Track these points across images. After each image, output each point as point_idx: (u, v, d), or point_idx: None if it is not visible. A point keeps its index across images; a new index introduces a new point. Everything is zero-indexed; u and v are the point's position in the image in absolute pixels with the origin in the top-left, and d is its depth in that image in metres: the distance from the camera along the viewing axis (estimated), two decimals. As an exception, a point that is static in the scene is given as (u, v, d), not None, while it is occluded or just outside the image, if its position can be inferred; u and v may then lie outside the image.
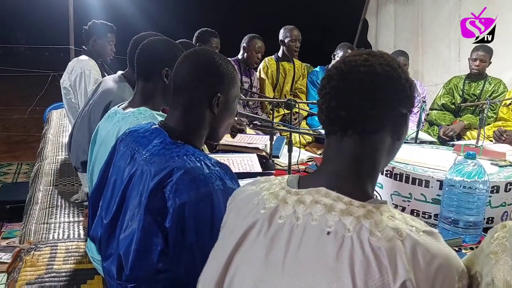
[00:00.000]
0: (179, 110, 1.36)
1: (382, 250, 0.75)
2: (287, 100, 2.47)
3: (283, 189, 0.91)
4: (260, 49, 4.02)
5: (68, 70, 3.31)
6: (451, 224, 1.77)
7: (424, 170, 1.98)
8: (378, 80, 0.89)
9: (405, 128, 0.95)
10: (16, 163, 5.56)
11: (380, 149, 0.93)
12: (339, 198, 0.83)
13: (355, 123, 0.89)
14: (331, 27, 10.99)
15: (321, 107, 0.93)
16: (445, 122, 4.12)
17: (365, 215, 0.80)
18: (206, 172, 1.19)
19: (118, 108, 1.76)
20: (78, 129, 2.28)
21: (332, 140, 0.93)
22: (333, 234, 0.79)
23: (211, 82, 1.34)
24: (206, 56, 1.38)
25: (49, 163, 3.14)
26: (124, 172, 1.31)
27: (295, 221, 0.84)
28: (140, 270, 1.19)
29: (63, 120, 4.21)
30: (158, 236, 1.18)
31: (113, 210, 1.31)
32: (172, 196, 1.16)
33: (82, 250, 1.98)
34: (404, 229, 0.78)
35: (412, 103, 0.95)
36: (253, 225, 0.88)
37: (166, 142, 1.29)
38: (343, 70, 0.91)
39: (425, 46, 5.46)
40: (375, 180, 0.95)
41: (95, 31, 3.38)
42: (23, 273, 1.81)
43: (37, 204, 2.51)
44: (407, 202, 1.97)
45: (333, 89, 0.90)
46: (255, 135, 3.17)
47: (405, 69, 0.94)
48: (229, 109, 1.40)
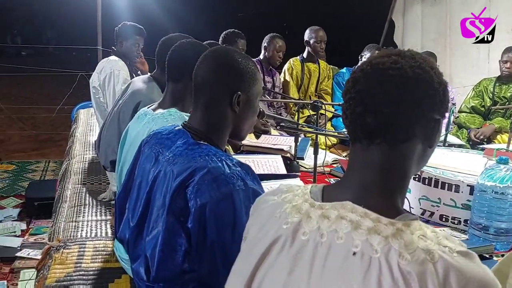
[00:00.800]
0: (201, 110, 1.35)
1: (412, 275, 0.71)
2: (313, 101, 2.46)
3: (306, 202, 0.86)
4: (281, 48, 4.01)
5: (97, 70, 3.36)
6: (481, 230, 1.73)
7: (454, 174, 1.95)
8: (408, 84, 0.82)
9: (437, 135, 0.88)
10: (44, 161, 5.67)
11: (410, 157, 0.86)
12: (366, 214, 0.78)
13: (384, 131, 0.83)
14: (357, 27, 10.89)
15: (345, 112, 0.87)
16: (475, 125, 4.04)
17: (394, 235, 0.75)
18: (227, 172, 1.19)
19: (148, 109, 1.77)
20: (107, 129, 2.31)
21: (358, 148, 0.87)
22: (360, 255, 0.75)
23: (231, 80, 1.33)
24: (225, 55, 1.37)
25: (77, 162, 3.19)
26: (149, 174, 1.32)
27: (319, 238, 0.79)
28: (166, 270, 1.19)
29: (90, 119, 4.27)
30: (181, 236, 1.18)
31: (139, 213, 1.32)
32: (193, 197, 1.16)
33: (110, 249, 2.01)
34: (436, 250, 0.73)
35: (446, 108, 0.88)
36: (276, 240, 0.84)
37: (189, 143, 1.29)
38: (370, 73, 0.85)
39: (453, 48, 5.36)
40: (404, 192, 0.89)
41: (123, 33, 3.43)
42: (53, 271, 1.84)
43: (65, 202, 2.55)
44: (436, 207, 1.94)
45: (358, 93, 0.84)
46: (279, 136, 3.16)
47: (438, 70, 0.87)
48: (251, 107, 1.38)
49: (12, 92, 9.19)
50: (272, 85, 4.07)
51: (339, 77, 4.26)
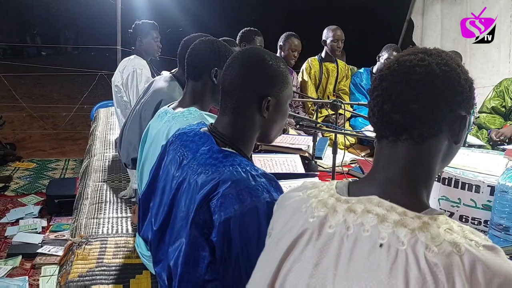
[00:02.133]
0: (227, 115, 1.30)
1: (439, 267, 0.71)
2: (333, 100, 2.46)
3: (332, 197, 0.86)
4: (297, 47, 3.99)
5: (119, 69, 3.41)
6: (502, 231, 1.72)
7: (474, 175, 1.93)
8: (435, 81, 0.83)
9: (464, 131, 0.88)
10: (63, 159, 5.75)
11: (436, 154, 0.87)
12: (392, 208, 0.79)
13: (410, 127, 0.84)
14: (375, 27, 10.83)
15: (372, 109, 0.88)
16: (495, 126, 3.99)
17: (420, 228, 0.75)
18: (252, 184, 1.14)
19: (168, 108, 1.79)
20: (129, 127, 2.35)
21: (384, 145, 0.88)
22: (386, 247, 0.75)
23: (260, 84, 1.27)
24: (254, 57, 1.30)
25: (97, 160, 3.24)
26: (172, 179, 1.30)
27: (346, 231, 0.80)
28: (188, 282, 1.17)
29: (110, 118, 4.32)
30: (205, 249, 1.15)
31: (162, 218, 1.30)
32: (218, 210, 1.13)
33: (131, 245, 2.04)
34: (463, 243, 0.73)
35: (472, 105, 0.88)
36: (302, 234, 0.84)
37: (213, 150, 1.24)
38: (397, 70, 0.85)
39: (474, 48, 5.29)
40: (430, 188, 0.89)
41: (139, 31, 3.50)
42: (75, 266, 1.87)
43: (87, 199, 2.60)
44: (455, 208, 1.92)
45: (385, 90, 0.85)
46: (297, 136, 3.16)
47: (465, 68, 0.88)
48: (281, 112, 1.32)
49: (32, 91, 9.34)
50: (290, 84, 4.06)
51: (356, 78, 4.24)
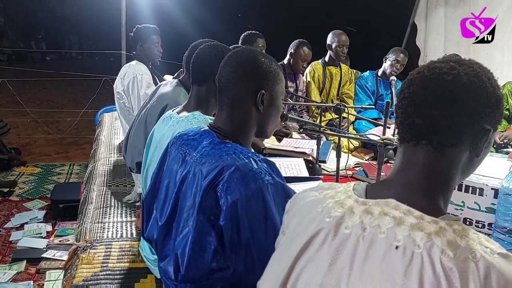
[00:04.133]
0: (225, 110, 1.38)
1: (454, 271, 0.72)
2: (336, 104, 2.47)
3: (349, 198, 0.87)
4: (307, 57, 4.01)
5: (120, 75, 3.42)
6: (506, 234, 1.72)
7: (478, 178, 1.93)
8: (460, 90, 0.83)
9: (486, 145, 0.89)
10: (68, 164, 5.77)
11: (455, 164, 0.87)
12: (409, 212, 0.80)
13: (430, 133, 0.85)
14: (379, 30, 10.83)
15: (397, 111, 0.90)
16: (499, 129, 3.99)
17: (436, 232, 0.76)
18: (255, 168, 1.20)
19: (173, 112, 1.80)
20: (134, 131, 2.36)
21: (405, 148, 0.89)
22: (402, 249, 0.76)
23: (254, 79, 1.35)
24: (247, 55, 1.39)
25: (102, 164, 3.25)
26: (176, 174, 1.35)
27: (362, 232, 0.81)
28: (195, 269, 1.21)
29: (114, 123, 4.34)
30: (211, 235, 1.20)
31: (167, 213, 1.34)
32: (224, 195, 1.18)
33: (135, 249, 2.05)
34: (478, 250, 0.74)
35: (498, 120, 0.89)
36: (317, 233, 0.85)
37: (215, 142, 1.31)
38: (425, 75, 0.87)
39: (477, 51, 5.29)
40: (448, 197, 0.90)
41: (140, 36, 3.48)
42: (80, 270, 1.88)
43: (91, 204, 2.61)
44: (459, 211, 1.93)
45: (411, 94, 0.86)
46: (301, 140, 3.17)
47: (496, 82, 0.88)
48: (275, 106, 1.40)
49: (37, 96, 9.37)
50: (295, 89, 4.08)
51: (362, 80, 4.25)
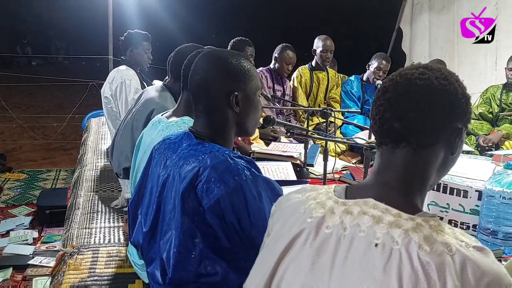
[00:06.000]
0: (202, 117, 1.36)
1: (431, 265, 0.75)
2: (323, 108, 2.49)
3: (330, 199, 0.90)
4: (291, 60, 4.03)
5: (108, 80, 3.40)
6: (490, 235, 1.75)
7: (462, 180, 1.96)
8: (434, 94, 0.89)
9: (460, 143, 0.94)
10: (55, 170, 5.72)
11: (432, 163, 0.92)
12: (387, 210, 0.83)
13: (409, 135, 0.89)
14: (365, 36, 10.94)
15: (374, 118, 0.94)
16: (483, 132, 4.05)
17: (414, 228, 0.79)
18: (232, 165, 1.20)
19: (162, 117, 1.80)
20: (121, 136, 2.35)
21: (384, 151, 0.93)
22: (381, 246, 0.79)
23: (224, 82, 1.32)
24: (214, 58, 1.36)
25: (89, 170, 3.23)
26: (158, 178, 1.35)
27: (342, 231, 0.84)
28: (182, 271, 1.21)
29: (102, 128, 4.31)
30: (197, 236, 1.20)
31: (151, 217, 1.34)
32: (205, 195, 1.18)
33: (123, 254, 2.04)
34: (454, 244, 0.77)
35: (468, 118, 0.94)
36: (299, 234, 0.88)
37: (192, 143, 1.31)
38: (398, 82, 0.91)
39: (461, 56, 5.37)
40: (424, 195, 0.94)
41: (131, 41, 3.46)
42: (67, 276, 1.87)
43: (78, 209, 2.59)
44: (444, 213, 1.95)
45: (387, 100, 0.91)
46: (289, 144, 3.19)
47: (463, 84, 0.93)
48: (252, 104, 1.37)
49: (23, 101, 9.30)
50: (282, 93, 4.10)
51: (347, 86, 4.28)
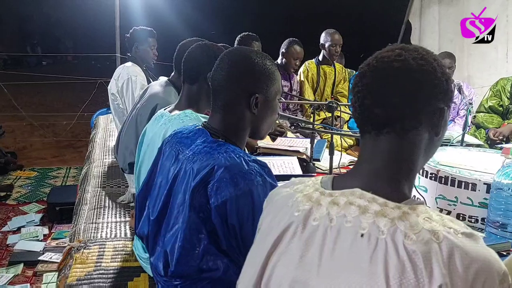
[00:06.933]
0: (219, 113, 1.35)
1: (417, 254, 0.73)
2: (328, 102, 2.47)
3: (317, 191, 0.89)
4: (299, 55, 4.01)
5: (115, 76, 3.42)
6: (498, 228, 1.72)
7: (470, 173, 1.94)
8: (412, 75, 0.85)
9: (443, 123, 0.90)
10: (65, 167, 5.76)
11: (417, 146, 0.89)
12: (374, 200, 0.81)
13: (391, 121, 0.86)
14: (373, 29, 10.86)
15: (354, 105, 0.91)
16: (493, 125, 4.00)
17: (400, 217, 0.77)
18: (245, 168, 1.20)
19: (165, 111, 1.80)
20: (125, 132, 2.36)
21: (367, 139, 0.90)
22: (367, 237, 0.78)
23: (247, 82, 1.31)
24: (240, 56, 1.35)
25: (97, 166, 3.24)
26: (169, 172, 1.35)
27: (329, 223, 0.82)
28: (185, 265, 1.22)
29: (109, 125, 4.34)
30: (202, 232, 1.21)
31: (158, 208, 1.34)
32: (214, 194, 1.19)
33: (129, 248, 2.05)
34: (441, 231, 0.75)
35: (450, 97, 0.91)
36: (288, 227, 0.87)
37: (208, 141, 1.30)
38: (375, 66, 0.88)
39: (471, 48, 5.31)
40: (412, 180, 0.91)
41: (136, 38, 3.49)
42: (74, 270, 1.88)
43: (86, 205, 2.61)
44: (452, 206, 1.93)
45: (365, 87, 0.88)
46: (295, 139, 3.17)
47: (441, 62, 0.90)
48: (270, 108, 1.37)
49: (33, 100, 9.37)
50: (289, 88, 4.08)
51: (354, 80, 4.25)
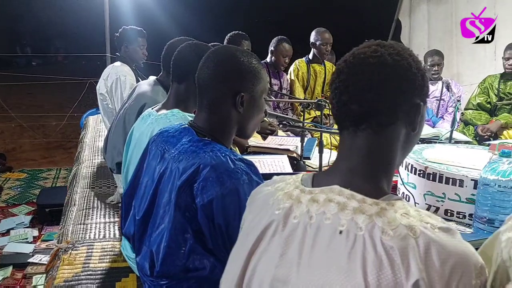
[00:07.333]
0: (205, 111, 1.35)
1: (394, 249, 0.74)
2: (318, 100, 2.47)
3: (297, 188, 0.89)
4: (288, 53, 4.01)
5: (103, 76, 3.40)
6: (486, 223, 1.73)
7: (458, 169, 1.94)
8: (388, 71, 0.85)
9: (420, 119, 0.91)
10: (55, 168, 5.72)
11: (394, 142, 0.89)
12: (352, 196, 0.81)
13: (368, 116, 0.86)
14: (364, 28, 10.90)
15: (332, 102, 0.91)
16: (481, 122, 4.04)
17: (378, 213, 0.78)
18: (231, 167, 1.20)
19: (152, 110, 1.80)
20: (113, 132, 2.34)
21: (346, 136, 0.90)
22: (345, 233, 0.78)
23: (233, 81, 1.31)
24: (226, 55, 1.35)
25: (86, 167, 3.23)
26: (155, 171, 1.34)
27: (309, 220, 0.82)
28: (170, 265, 1.21)
29: (99, 126, 4.32)
30: (188, 232, 1.20)
31: (144, 208, 1.34)
32: (200, 193, 1.18)
33: (117, 249, 2.03)
34: (418, 226, 0.75)
35: (426, 93, 0.91)
36: (269, 225, 0.87)
37: (194, 140, 1.29)
38: (352, 62, 0.88)
39: (460, 46, 5.35)
40: (391, 176, 0.92)
41: (125, 37, 3.47)
42: (61, 271, 1.87)
43: (74, 206, 2.59)
44: (440, 202, 1.94)
45: (342, 82, 0.88)
46: (286, 137, 3.17)
47: (417, 58, 0.90)
48: (257, 106, 1.37)
49: (23, 101, 9.30)
50: (279, 87, 4.08)
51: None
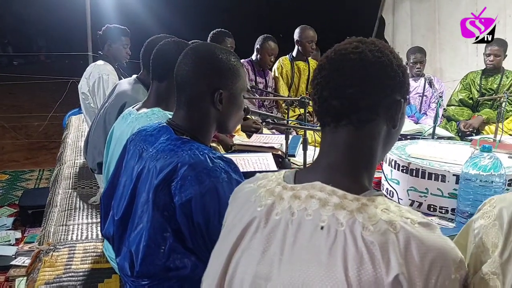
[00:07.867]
0: (183, 109, 1.34)
1: (375, 244, 0.74)
2: (301, 97, 2.47)
3: (279, 185, 0.89)
4: (273, 51, 4.02)
5: (85, 75, 3.35)
6: (468, 218, 1.73)
7: (440, 164, 1.96)
8: (369, 67, 0.86)
9: (401, 115, 0.91)
10: (37, 170, 5.64)
11: (375, 138, 0.90)
12: (333, 192, 0.82)
13: (348, 112, 0.87)
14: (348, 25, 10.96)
15: (313, 98, 0.91)
16: (463, 118, 4.08)
17: (358, 209, 0.78)
18: (210, 166, 1.18)
19: (133, 109, 1.78)
20: (94, 131, 2.32)
21: (327, 132, 0.90)
22: (326, 229, 0.78)
23: (211, 78, 1.30)
24: (204, 52, 1.34)
25: (68, 167, 3.18)
26: (133, 171, 1.32)
27: (290, 216, 0.83)
28: (150, 265, 1.20)
29: (82, 125, 4.26)
30: (167, 231, 1.19)
31: (123, 208, 1.32)
32: (178, 192, 1.17)
33: (100, 250, 2.01)
34: (398, 221, 0.76)
35: (407, 90, 0.92)
36: (250, 222, 0.87)
37: (172, 138, 1.28)
38: (333, 59, 0.88)
39: (443, 43, 5.40)
40: (372, 172, 0.92)
41: (109, 35, 3.43)
42: (42, 273, 1.84)
43: (56, 207, 2.55)
44: (423, 197, 1.95)
45: (324, 78, 0.88)
46: (271, 135, 3.17)
47: (397, 55, 0.91)
48: (236, 104, 1.36)
49: (4, 101, 9.16)
50: (265, 85, 4.08)
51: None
